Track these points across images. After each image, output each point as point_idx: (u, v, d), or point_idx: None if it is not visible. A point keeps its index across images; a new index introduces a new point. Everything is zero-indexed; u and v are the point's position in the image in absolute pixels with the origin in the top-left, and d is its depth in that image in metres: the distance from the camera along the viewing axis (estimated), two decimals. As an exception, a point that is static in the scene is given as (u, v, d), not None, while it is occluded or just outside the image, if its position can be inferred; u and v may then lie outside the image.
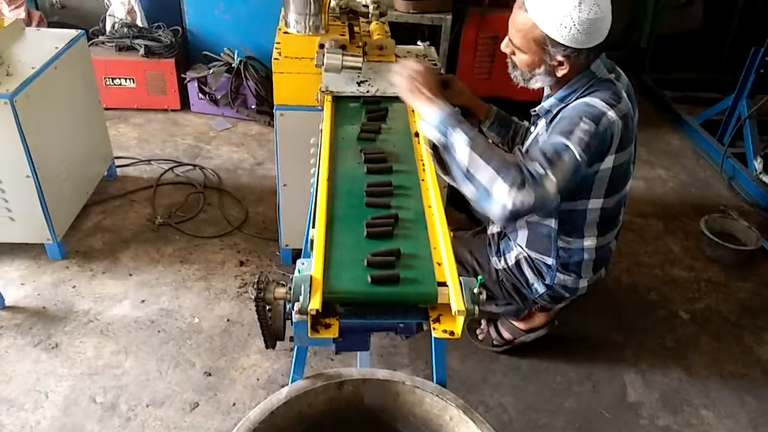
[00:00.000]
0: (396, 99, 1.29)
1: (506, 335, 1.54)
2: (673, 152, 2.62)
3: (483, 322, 1.59)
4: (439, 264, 0.99)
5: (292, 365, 1.13)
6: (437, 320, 0.93)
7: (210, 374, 1.44)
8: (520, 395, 1.45)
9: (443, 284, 0.94)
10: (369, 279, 0.92)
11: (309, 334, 0.89)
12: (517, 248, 1.37)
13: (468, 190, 1.10)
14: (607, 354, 1.57)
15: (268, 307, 0.93)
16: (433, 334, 0.92)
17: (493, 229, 1.47)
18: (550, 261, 1.32)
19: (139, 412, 1.34)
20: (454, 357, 1.53)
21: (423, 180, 1.19)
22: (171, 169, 2.23)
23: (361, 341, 1.05)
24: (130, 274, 1.73)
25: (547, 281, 1.34)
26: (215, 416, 1.34)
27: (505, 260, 1.40)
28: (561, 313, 1.52)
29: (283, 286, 0.91)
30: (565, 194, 1.10)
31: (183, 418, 1.34)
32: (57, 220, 1.71)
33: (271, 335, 0.96)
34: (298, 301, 0.88)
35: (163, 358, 1.47)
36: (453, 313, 0.89)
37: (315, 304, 0.88)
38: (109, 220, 1.94)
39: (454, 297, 0.91)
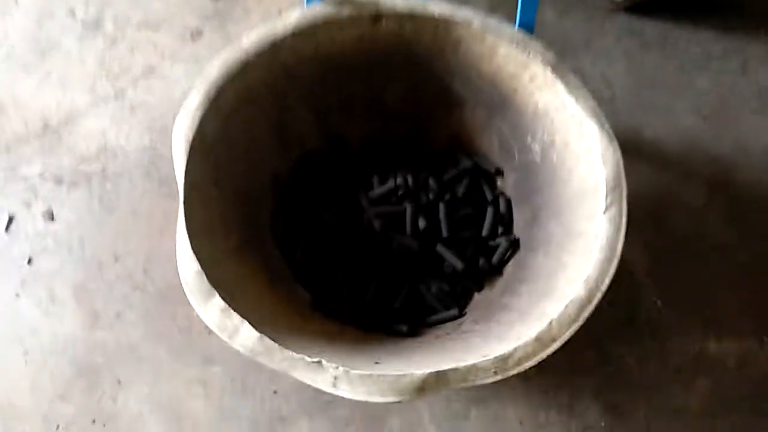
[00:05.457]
0: None
1: (634, -18, 1.06)
2: None
3: (603, -38, 1.10)
4: None
5: (308, -25, 0.75)
6: None
7: (219, -3, 1.10)
8: (634, 66, 1.04)
9: None
10: None
11: None
12: None
13: None
14: (772, 28, 1.09)
15: None
16: None
17: None
18: None
19: (127, 34, 1.05)
20: (548, 7, 1.09)
21: None
22: None
23: None
24: None
25: None
26: (221, 49, 1.03)
27: None
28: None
29: None
30: None
31: (182, 46, 1.04)
32: None
33: None
34: None
35: (161, -30, 1.12)
36: None
37: None
38: None
39: None
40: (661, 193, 0.93)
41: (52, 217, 0.88)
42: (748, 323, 0.84)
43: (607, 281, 0.62)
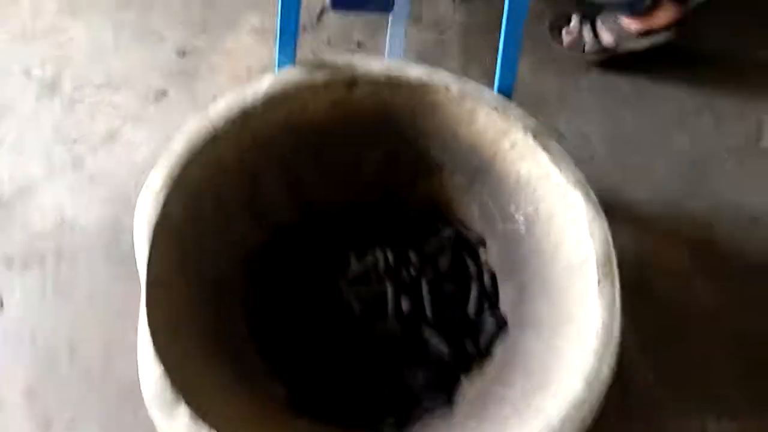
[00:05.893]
0: None
1: (606, 39, 1.05)
2: None
3: (574, 18, 1.10)
4: None
5: (277, 38, 0.72)
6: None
7: (184, 54, 1.05)
8: (611, 123, 1.03)
9: None
10: None
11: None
12: None
13: None
14: (745, 82, 1.09)
15: None
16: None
17: None
18: None
19: (87, 95, 1.00)
20: (521, 65, 1.08)
21: None
22: None
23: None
24: None
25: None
26: (187, 110, 0.99)
27: None
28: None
29: None
30: None
31: (144, 108, 0.99)
32: None
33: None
34: None
35: (123, 27, 1.07)
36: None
37: None
38: None
39: None
40: (644, 258, 0.91)
41: (0, 305, 0.81)
42: (746, 398, 0.80)
43: (606, 371, 0.58)
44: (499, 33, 0.76)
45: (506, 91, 0.77)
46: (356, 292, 0.73)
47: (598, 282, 0.63)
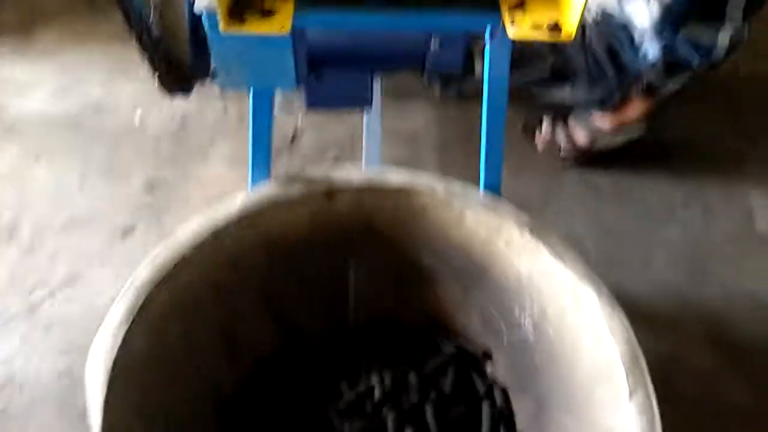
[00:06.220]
0: None
1: (581, 140, 1.05)
2: None
3: (545, 121, 1.10)
4: None
5: (250, 155, 0.68)
6: (520, 6, 0.43)
7: (153, 188, 1.01)
8: (600, 221, 1.00)
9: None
10: None
11: (223, 25, 0.40)
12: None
13: None
14: (724, 168, 1.09)
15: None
16: (511, 33, 0.43)
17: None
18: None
19: (47, 239, 0.93)
20: (500, 171, 1.07)
21: None
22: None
23: (354, 86, 0.57)
24: (50, 57, 1.24)
25: (666, 39, 0.83)
26: (157, 245, 0.93)
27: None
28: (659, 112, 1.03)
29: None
30: None
31: (110, 248, 0.93)
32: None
33: (162, 55, 0.48)
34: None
35: (89, 166, 1.04)
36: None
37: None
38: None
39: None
40: (662, 356, 0.83)
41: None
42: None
43: None
44: (475, 143, 0.74)
45: (493, 189, 0.73)
46: (350, 425, 0.62)
47: (629, 387, 0.55)
